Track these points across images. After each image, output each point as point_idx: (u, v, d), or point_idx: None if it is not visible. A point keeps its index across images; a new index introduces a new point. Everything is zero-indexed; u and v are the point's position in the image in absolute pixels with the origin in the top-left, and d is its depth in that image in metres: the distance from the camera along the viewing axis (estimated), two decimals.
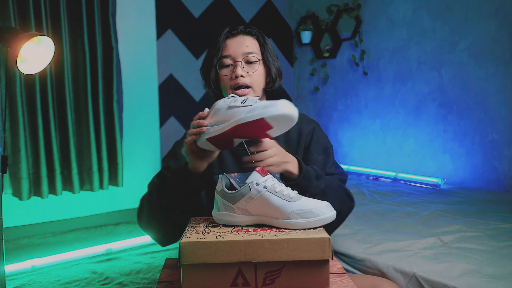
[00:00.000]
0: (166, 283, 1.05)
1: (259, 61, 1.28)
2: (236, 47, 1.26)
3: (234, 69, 1.25)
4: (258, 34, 1.30)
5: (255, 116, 0.97)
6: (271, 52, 1.31)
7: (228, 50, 1.27)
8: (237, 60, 1.26)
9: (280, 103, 0.97)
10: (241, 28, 1.30)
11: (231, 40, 1.28)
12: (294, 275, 0.92)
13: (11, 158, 2.80)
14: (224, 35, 1.29)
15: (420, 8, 3.40)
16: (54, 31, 2.89)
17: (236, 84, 1.25)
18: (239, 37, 1.28)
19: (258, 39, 1.30)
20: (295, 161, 1.17)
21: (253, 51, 1.27)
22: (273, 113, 0.96)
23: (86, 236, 3.16)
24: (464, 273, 1.58)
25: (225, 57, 1.27)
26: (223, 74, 1.27)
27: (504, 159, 3.00)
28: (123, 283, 2.43)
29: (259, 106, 0.99)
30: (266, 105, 0.97)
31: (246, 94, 1.25)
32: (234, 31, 1.29)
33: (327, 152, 1.33)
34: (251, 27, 1.31)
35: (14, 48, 1.61)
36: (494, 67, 3.00)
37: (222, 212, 1.02)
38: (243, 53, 1.26)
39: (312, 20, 4.20)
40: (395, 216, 2.33)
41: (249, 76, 1.25)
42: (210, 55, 1.31)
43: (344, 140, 4.08)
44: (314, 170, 1.20)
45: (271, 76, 1.31)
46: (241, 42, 1.27)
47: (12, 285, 2.40)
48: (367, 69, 3.81)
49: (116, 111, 3.12)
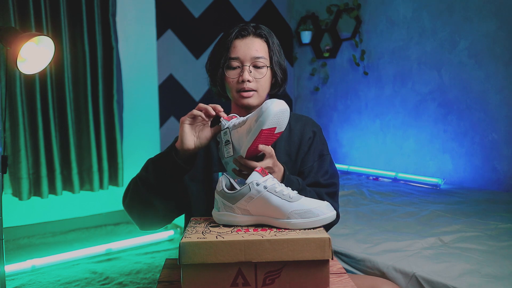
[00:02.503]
0: (166, 283, 1.05)
1: (267, 67, 1.27)
2: (245, 49, 1.25)
3: (241, 72, 1.24)
4: (268, 36, 1.29)
5: (255, 133, 1.03)
6: (278, 55, 1.30)
7: (236, 52, 1.25)
8: (245, 64, 1.25)
9: (264, 108, 1.03)
10: (252, 28, 1.27)
11: (241, 41, 1.26)
12: (294, 275, 0.92)
13: (11, 158, 2.80)
14: (234, 35, 1.26)
15: (420, 8, 3.40)
16: (54, 31, 2.89)
17: (242, 88, 1.24)
18: (248, 38, 1.26)
19: (267, 42, 1.29)
20: (281, 170, 1.16)
21: (262, 56, 1.26)
22: (266, 120, 1.02)
23: (86, 236, 3.16)
24: (464, 273, 1.58)
25: (233, 59, 1.25)
26: (229, 76, 1.26)
27: (504, 159, 3.00)
28: (123, 283, 2.43)
29: (250, 121, 1.05)
30: (257, 117, 1.03)
31: (251, 96, 1.25)
32: (244, 32, 1.27)
33: (322, 159, 1.31)
34: (261, 27, 1.29)
35: (14, 48, 1.61)
36: (494, 67, 3.00)
37: (222, 212, 1.02)
38: (251, 57, 1.25)
39: (312, 20, 4.20)
40: (395, 216, 2.33)
41: (255, 81, 1.25)
42: (217, 53, 1.29)
43: (344, 140, 4.08)
44: (298, 182, 1.19)
45: (277, 81, 1.31)
46: (251, 45, 1.26)
47: (12, 285, 2.40)
48: (367, 69, 3.81)
49: (116, 111, 3.12)
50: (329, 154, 1.35)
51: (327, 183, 1.29)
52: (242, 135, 1.06)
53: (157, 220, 1.25)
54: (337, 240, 1.97)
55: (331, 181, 1.30)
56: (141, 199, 1.19)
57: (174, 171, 1.14)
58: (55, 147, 2.93)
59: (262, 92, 1.28)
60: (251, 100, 1.26)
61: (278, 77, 1.30)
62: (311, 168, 1.29)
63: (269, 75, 1.28)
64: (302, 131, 1.32)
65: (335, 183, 1.31)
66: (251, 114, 1.07)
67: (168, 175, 1.14)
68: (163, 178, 1.15)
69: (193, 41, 3.86)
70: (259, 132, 1.02)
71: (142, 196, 1.19)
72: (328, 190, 1.28)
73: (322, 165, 1.30)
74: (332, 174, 1.32)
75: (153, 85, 3.57)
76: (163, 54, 3.67)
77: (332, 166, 1.34)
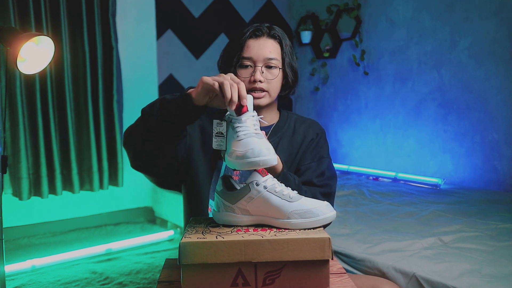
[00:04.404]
0: (166, 283, 1.05)
1: (279, 68, 1.28)
2: (259, 50, 1.26)
3: (253, 72, 1.25)
4: (281, 37, 1.30)
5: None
6: (290, 56, 1.31)
7: (250, 52, 1.26)
8: (258, 64, 1.26)
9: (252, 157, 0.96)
10: (266, 29, 1.29)
11: (254, 41, 1.27)
12: (294, 275, 0.92)
13: (11, 158, 2.80)
14: (248, 35, 1.27)
15: (420, 8, 3.40)
16: (54, 31, 2.89)
17: (253, 88, 1.25)
18: (262, 39, 1.27)
19: (280, 43, 1.30)
20: (278, 159, 1.15)
21: (275, 57, 1.27)
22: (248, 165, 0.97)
23: (86, 236, 3.17)
24: (464, 273, 1.58)
25: (246, 59, 1.26)
26: (241, 75, 1.26)
27: (504, 159, 3.00)
28: (123, 283, 2.43)
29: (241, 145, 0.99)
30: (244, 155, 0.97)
31: (262, 97, 1.26)
32: (258, 32, 1.28)
33: (320, 161, 1.31)
34: (275, 28, 1.30)
35: (14, 48, 1.61)
36: (494, 67, 3.00)
37: (222, 212, 1.02)
38: (264, 58, 1.26)
39: (312, 20, 4.20)
40: (395, 216, 2.33)
41: (267, 82, 1.26)
42: (230, 52, 1.30)
43: (344, 140, 4.08)
44: (294, 181, 1.18)
45: (288, 83, 1.32)
46: (264, 46, 1.27)
47: (12, 285, 2.40)
48: (367, 69, 3.81)
49: (116, 111, 3.12)
50: (329, 157, 1.35)
51: (321, 184, 1.28)
52: (234, 143, 1.01)
53: (152, 159, 1.18)
54: (337, 240, 1.97)
55: (326, 182, 1.29)
56: (139, 132, 1.15)
57: (182, 111, 1.07)
58: (55, 147, 2.93)
59: (273, 93, 1.29)
60: (262, 100, 1.27)
61: (289, 78, 1.31)
62: (307, 167, 1.29)
63: (280, 76, 1.29)
64: (306, 132, 1.34)
65: (330, 184, 1.30)
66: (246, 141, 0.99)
67: (176, 112, 1.08)
68: (168, 114, 1.08)
69: (193, 41, 3.86)
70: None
71: (140, 130, 1.14)
72: (322, 190, 1.27)
73: (319, 166, 1.30)
74: (328, 177, 1.31)
75: (153, 85, 3.57)
76: (163, 54, 3.67)
77: (330, 169, 1.33)
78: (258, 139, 0.98)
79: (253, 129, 1.00)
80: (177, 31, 3.79)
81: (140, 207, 3.54)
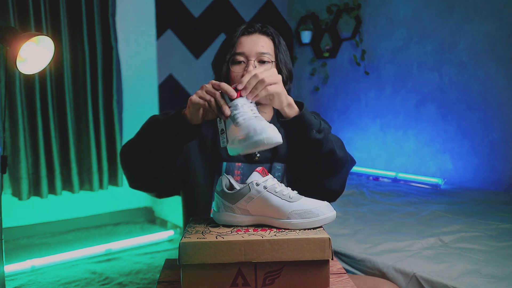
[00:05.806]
0: (166, 283, 1.04)
1: (272, 62, 1.27)
2: (251, 45, 1.26)
3: (246, 67, 1.25)
4: (274, 35, 1.30)
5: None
6: (284, 54, 1.31)
7: (242, 47, 1.26)
8: (250, 58, 1.25)
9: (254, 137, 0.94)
10: (258, 26, 1.29)
11: (247, 37, 1.27)
12: (294, 275, 0.92)
13: (10, 158, 2.79)
14: (240, 32, 1.27)
15: (420, 8, 3.40)
16: (53, 31, 2.89)
17: None
18: (255, 35, 1.27)
19: (273, 40, 1.29)
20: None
21: (267, 52, 1.26)
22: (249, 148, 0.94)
23: (86, 236, 3.16)
24: (464, 273, 1.58)
25: (239, 54, 1.26)
26: (234, 71, 1.26)
27: (504, 159, 3.00)
28: (123, 283, 2.43)
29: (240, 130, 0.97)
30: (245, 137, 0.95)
31: None
32: (250, 29, 1.28)
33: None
34: (268, 26, 1.31)
35: (13, 48, 1.61)
36: (494, 67, 3.00)
37: (222, 212, 1.02)
38: (257, 52, 1.25)
39: (312, 20, 4.20)
40: (395, 216, 2.33)
41: None
42: (223, 50, 1.30)
43: (344, 140, 4.03)
44: (320, 123, 1.14)
45: (282, 79, 1.30)
46: (256, 41, 1.26)
47: (12, 285, 2.40)
48: (367, 69, 3.80)
49: (116, 111, 3.12)
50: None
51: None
52: (233, 130, 1.00)
53: (147, 179, 1.20)
54: (337, 240, 1.97)
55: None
56: (136, 155, 1.15)
57: (180, 133, 1.09)
58: (54, 147, 2.93)
59: None
60: None
61: (283, 74, 1.30)
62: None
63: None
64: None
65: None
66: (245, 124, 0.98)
67: (173, 134, 1.09)
68: (166, 137, 1.09)
69: (193, 41, 3.86)
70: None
71: (137, 153, 1.15)
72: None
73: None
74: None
75: (153, 85, 3.57)
76: (163, 54, 3.67)
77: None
78: (259, 120, 0.96)
79: (252, 113, 0.99)
80: (177, 31, 3.78)
81: (139, 207, 3.54)
